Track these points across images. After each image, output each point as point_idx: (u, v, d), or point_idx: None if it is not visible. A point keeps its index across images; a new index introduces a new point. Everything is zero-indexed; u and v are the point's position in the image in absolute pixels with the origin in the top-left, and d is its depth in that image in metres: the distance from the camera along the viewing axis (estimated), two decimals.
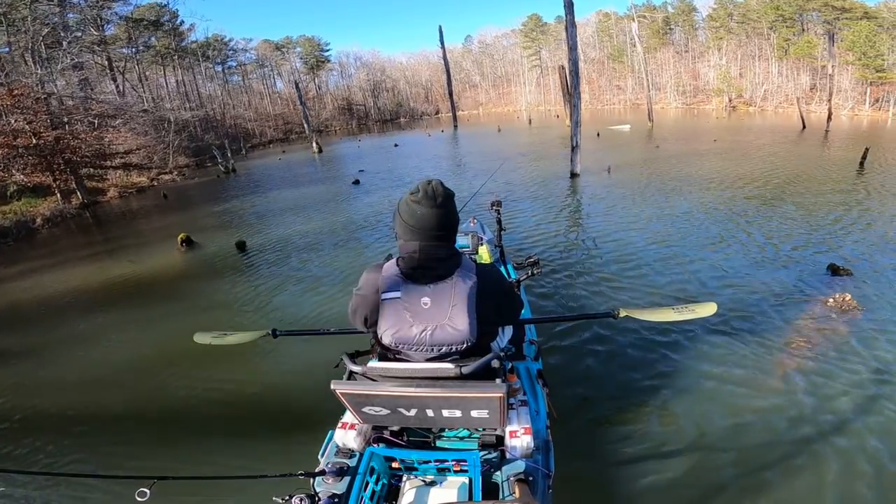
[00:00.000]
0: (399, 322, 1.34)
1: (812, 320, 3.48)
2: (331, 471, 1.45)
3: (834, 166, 9.52)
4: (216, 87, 39.37)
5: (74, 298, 5.68)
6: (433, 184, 1.35)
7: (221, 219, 9.60)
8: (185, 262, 6.80)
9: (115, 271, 6.61)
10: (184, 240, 7.47)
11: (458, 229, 1.44)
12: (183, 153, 22.99)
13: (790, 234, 5.51)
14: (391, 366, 1.38)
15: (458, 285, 1.32)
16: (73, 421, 3.11)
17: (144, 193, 15.35)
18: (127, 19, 28.88)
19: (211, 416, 3.04)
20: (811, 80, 32.80)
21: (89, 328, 4.72)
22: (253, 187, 13.59)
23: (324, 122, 43.02)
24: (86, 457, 2.75)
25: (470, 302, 1.32)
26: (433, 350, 1.35)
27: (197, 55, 36.99)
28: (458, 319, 1.31)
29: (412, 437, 1.61)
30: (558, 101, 46.30)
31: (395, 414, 1.40)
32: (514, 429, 1.50)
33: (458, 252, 1.41)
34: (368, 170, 13.97)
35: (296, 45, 47.82)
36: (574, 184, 9.48)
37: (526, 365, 2.02)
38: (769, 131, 17.36)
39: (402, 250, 1.38)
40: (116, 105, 17.46)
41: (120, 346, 4.20)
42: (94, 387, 3.54)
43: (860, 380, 2.77)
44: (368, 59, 51.45)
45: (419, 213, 1.31)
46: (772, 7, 33.93)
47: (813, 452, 2.27)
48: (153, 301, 5.31)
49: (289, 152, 24.63)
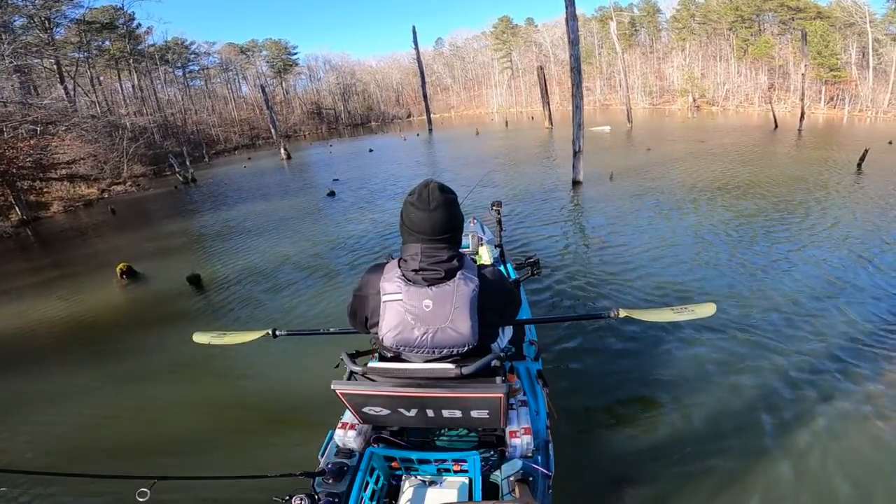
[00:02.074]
0: (401, 324, 1.32)
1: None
2: (331, 471, 1.44)
3: (830, 168, 9.27)
4: (176, 92, 37.73)
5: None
6: (430, 186, 1.32)
7: (173, 241, 8.26)
8: (125, 302, 5.47)
9: (39, 312, 5.33)
10: (124, 270, 6.09)
11: (462, 230, 1.40)
12: (139, 161, 21.75)
13: (800, 239, 5.33)
14: (391, 366, 1.38)
15: (461, 287, 1.30)
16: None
17: (94, 207, 14.16)
18: (78, 22, 27.27)
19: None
20: (769, 79, 34.08)
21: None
22: (213, 200, 12.33)
23: (292, 126, 41.86)
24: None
25: (472, 304, 1.31)
26: (434, 352, 1.35)
27: (155, 59, 35.40)
28: (460, 322, 1.30)
29: (412, 437, 1.62)
30: (530, 104, 46.78)
31: (395, 414, 1.41)
32: (514, 429, 1.50)
33: (460, 254, 1.38)
34: (343, 178, 12.92)
35: (262, 48, 46.49)
36: (577, 194, 8.45)
37: (526, 365, 2.02)
38: (744, 131, 17.56)
39: (403, 252, 1.36)
40: (59, 110, 16.12)
41: None
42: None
43: (869, 379, 2.75)
44: (338, 62, 50.57)
45: (417, 216, 1.30)
46: (731, 7, 35.09)
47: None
48: (75, 359, 4.17)
49: (255, 159, 23.60)
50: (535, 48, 47.56)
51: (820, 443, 2.32)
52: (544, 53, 45.77)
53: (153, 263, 6.73)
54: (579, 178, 9.15)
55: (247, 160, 23.30)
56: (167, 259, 6.97)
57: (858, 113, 28.44)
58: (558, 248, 5.61)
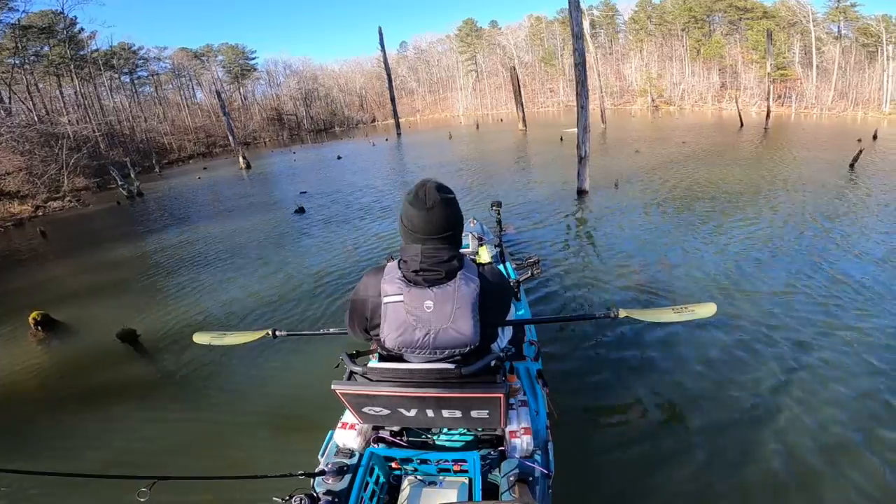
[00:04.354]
0: (402, 325, 1.31)
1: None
2: (331, 471, 1.44)
3: (822, 168, 9.11)
4: (124, 99, 35.61)
5: None
6: (427, 185, 1.30)
7: (107, 275, 6.58)
8: (40, 364, 4.08)
9: None
10: (38, 320, 4.70)
11: (462, 230, 1.37)
12: (82, 173, 20.11)
13: (805, 238, 5.19)
14: (391, 366, 1.36)
15: (461, 288, 1.29)
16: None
17: (25, 227, 12.56)
18: (13, 26, 25.26)
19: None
20: (721, 78, 35.54)
21: None
22: (161, 219, 10.65)
23: (251, 133, 40.33)
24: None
25: (473, 305, 1.29)
26: (437, 353, 1.33)
27: (99, 65, 33.30)
28: (462, 322, 1.28)
29: (412, 437, 1.61)
30: (495, 106, 47.05)
31: (395, 414, 1.41)
32: (514, 429, 1.50)
33: (460, 254, 1.36)
34: (312, 191, 11.50)
35: (217, 53, 44.72)
36: (583, 205, 7.44)
37: (526, 365, 2.03)
38: (715, 130, 17.77)
39: (403, 253, 1.35)
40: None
41: None
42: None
43: (876, 379, 2.70)
44: (299, 66, 49.23)
45: (415, 216, 1.29)
46: (685, 8, 36.40)
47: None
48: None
49: (211, 169, 22.25)
50: (499, 50, 47.92)
51: (821, 443, 2.30)
52: (508, 56, 46.14)
53: (80, 308, 5.26)
54: (585, 186, 8.12)
55: (202, 170, 21.93)
56: (98, 301, 5.48)
57: (805, 110, 29.99)
58: (571, 264, 4.99)
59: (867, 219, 5.80)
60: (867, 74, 28.75)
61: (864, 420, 2.42)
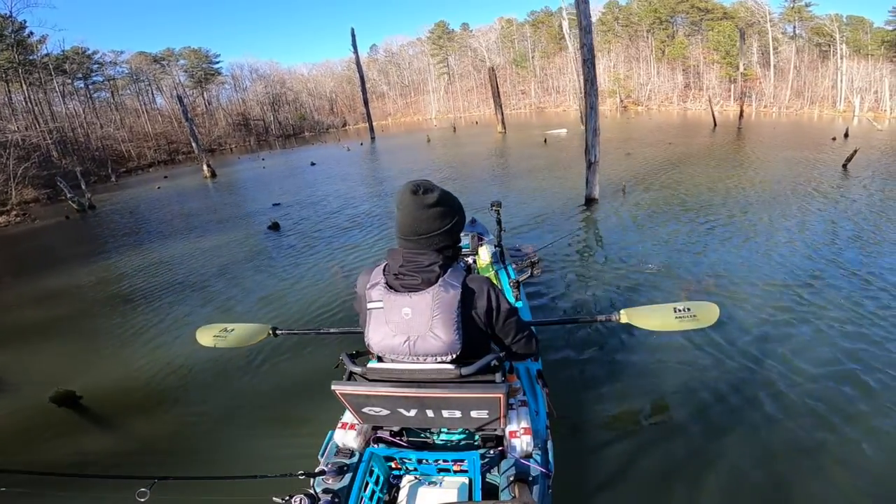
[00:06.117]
0: (382, 331, 1.31)
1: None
2: (331, 471, 1.45)
3: (817, 169, 9.08)
4: (77, 105, 33.76)
5: None
6: (407, 185, 1.26)
7: (44, 310, 5.41)
8: None
9: None
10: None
11: (447, 236, 1.32)
12: (31, 184, 18.80)
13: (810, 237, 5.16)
14: (391, 366, 1.36)
15: (440, 295, 1.26)
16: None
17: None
18: None
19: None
20: (684, 79, 36.63)
21: None
22: (112, 238, 9.26)
23: (216, 139, 38.86)
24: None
25: (454, 312, 1.26)
26: (418, 359, 1.32)
27: (50, 69, 31.48)
28: (441, 330, 1.26)
29: (412, 437, 1.62)
30: (468, 109, 47.11)
31: (395, 414, 1.41)
32: (513, 429, 1.49)
33: (446, 261, 1.32)
34: (286, 202, 10.30)
35: (178, 57, 43.07)
36: (593, 215, 6.76)
37: (526, 365, 2.02)
38: (694, 130, 17.98)
39: (388, 255, 1.35)
40: None
41: None
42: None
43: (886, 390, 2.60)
44: (265, 70, 47.91)
45: (397, 215, 1.28)
46: (650, 10, 37.34)
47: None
48: None
49: (173, 177, 21.05)
50: (471, 53, 48.02)
51: (821, 443, 2.27)
52: (480, 58, 46.29)
53: (9, 354, 4.26)
54: (594, 194, 7.33)
55: (162, 179, 20.76)
56: (30, 347, 4.41)
57: (764, 109, 31.20)
58: (590, 273, 4.64)
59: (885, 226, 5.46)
60: (820, 73, 30.16)
61: (875, 421, 2.36)
